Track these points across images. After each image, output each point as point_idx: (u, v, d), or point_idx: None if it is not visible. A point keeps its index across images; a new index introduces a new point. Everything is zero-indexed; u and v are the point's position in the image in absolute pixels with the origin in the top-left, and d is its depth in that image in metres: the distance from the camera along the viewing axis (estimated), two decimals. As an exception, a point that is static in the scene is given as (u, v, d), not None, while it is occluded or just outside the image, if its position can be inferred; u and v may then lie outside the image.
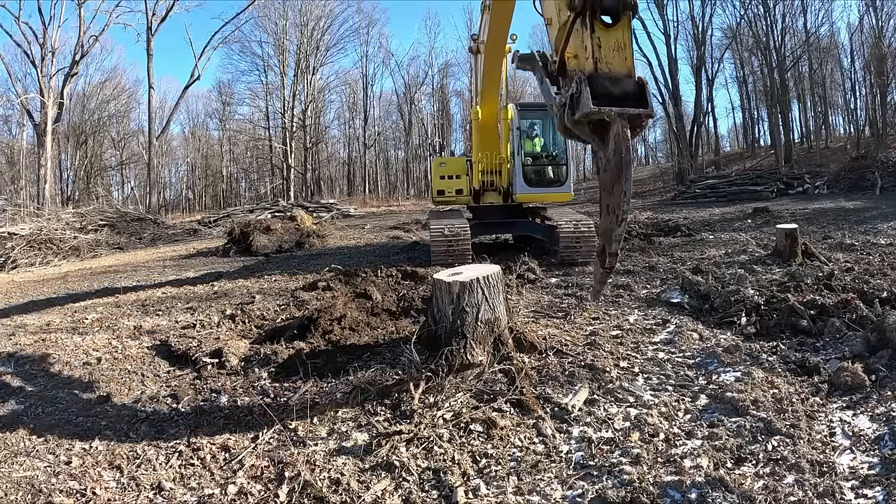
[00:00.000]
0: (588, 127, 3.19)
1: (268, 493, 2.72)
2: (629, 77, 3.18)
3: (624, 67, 3.18)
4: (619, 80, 3.14)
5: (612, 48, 3.17)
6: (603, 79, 3.10)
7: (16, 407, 3.96)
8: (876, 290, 5.27)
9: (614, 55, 3.17)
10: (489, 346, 4.07)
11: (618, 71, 3.16)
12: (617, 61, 3.17)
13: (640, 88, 3.15)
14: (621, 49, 3.19)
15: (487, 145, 10.33)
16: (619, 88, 3.13)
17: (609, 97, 3.07)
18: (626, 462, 2.80)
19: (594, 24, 3.13)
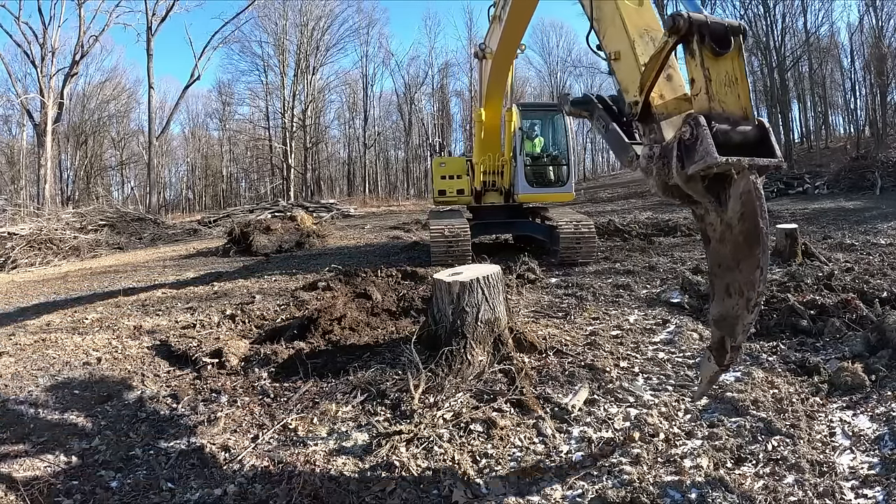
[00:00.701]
0: (702, 184, 2.54)
1: (268, 493, 2.72)
2: (746, 118, 2.57)
3: (738, 107, 2.57)
4: (736, 123, 2.53)
5: (722, 82, 2.57)
6: (719, 120, 2.49)
7: (16, 407, 3.96)
8: (876, 290, 5.27)
9: (727, 91, 2.57)
10: (489, 346, 4.08)
11: (732, 111, 2.55)
12: (731, 99, 2.56)
13: (763, 133, 2.55)
14: (733, 84, 2.59)
15: (490, 147, 10.33)
16: (738, 134, 2.52)
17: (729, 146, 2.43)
18: (626, 462, 2.80)
19: (703, 51, 2.54)
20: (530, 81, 49.72)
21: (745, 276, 2.52)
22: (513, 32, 7.39)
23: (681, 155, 2.53)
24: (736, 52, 2.60)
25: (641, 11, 3.32)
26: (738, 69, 2.62)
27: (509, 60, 8.66)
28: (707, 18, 2.55)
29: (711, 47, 2.53)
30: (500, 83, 9.15)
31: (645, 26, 3.24)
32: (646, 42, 3.15)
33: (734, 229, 2.51)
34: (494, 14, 7.84)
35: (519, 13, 6.78)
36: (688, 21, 2.53)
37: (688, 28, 2.54)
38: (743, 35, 2.62)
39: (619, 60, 3.28)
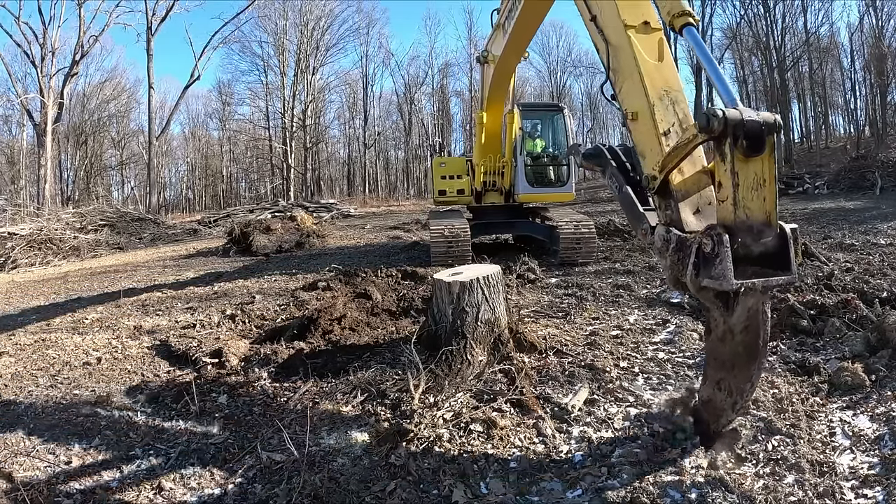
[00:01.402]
0: (713, 292, 2.53)
1: (268, 493, 2.72)
2: (769, 226, 2.48)
3: (763, 213, 2.46)
4: (758, 232, 2.45)
5: (750, 186, 2.43)
6: (741, 232, 2.42)
7: (16, 407, 3.96)
8: (876, 290, 5.27)
9: (753, 196, 2.44)
10: (489, 346, 4.08)
11: (756, 218, 2.45)
12: (755, 204, 2.45)
13: (783, 244, 2.50)
14: (761, 187, 2.45)
15: (491, 150, 10.33)
16: (759, 245, 2.46)
17: (748, 259, 2.43)
18: (626, 462, 2.80)
19: (735, 154, 2.41)
20: (530, 81, 49.67)
21: (737, 382, 2.63)
22: (517, 43, 7.38)
23: (697, 262, 2.47)
24: (769, 152, 2.46)
25: (662, 68, 3.18)
26: (768, 170, 2.48)
27: (512, 67, 8.65)
28: (743, 117, 2.40)
29: (744, 149, 2.40)
30: (502, 88, 9.14)
31: (665, 86, 3.11)
32: (665, 105, 3.05)
33: (735, 337, 2.57)
34: (498, 22, 7.80)
35: (524, 25, 6.76)
36: (723, 122, 2.38)
37: (722, 129, 2.40)
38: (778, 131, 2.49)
39: (637, 122, 3.15)
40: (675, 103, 3.06)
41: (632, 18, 3.29)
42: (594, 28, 3.55)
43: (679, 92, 3.12)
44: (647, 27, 3.28)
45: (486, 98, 9.39)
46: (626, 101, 3.26)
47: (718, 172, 2.52)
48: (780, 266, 2.47)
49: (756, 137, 2.42)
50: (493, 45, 8.33)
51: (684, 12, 3.04)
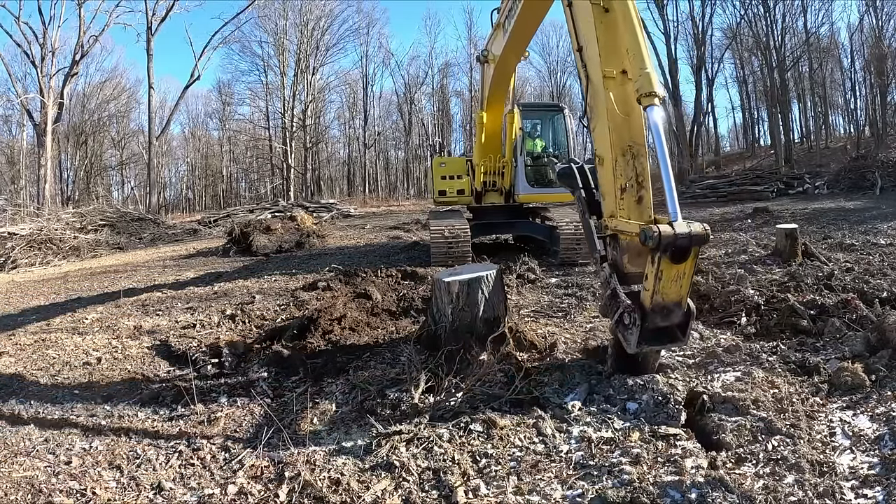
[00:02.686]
0: None
1: (268, 493, 2.72)
2: (679, 306, 3.22)
3: (678, 296, 3.19)
4: (670, 311, 3.21)
5: (672, 279, 3.12)
6: (655, 312, 3.17)
7: (16, 407, 3.96)
8: (876, 290, 5.26)
9: (671, 285, 3.14)
10: (489, 345, 4.07)
11: (671, 301, 3.18)
12: (672, 291, 3.16)
13: (686, 319, 3.29)
14: (680, 279, 3.14)
15: (491, 150, 10.32)
16: (667, 319, 3.22)
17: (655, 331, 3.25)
18: (626, 462, 2.80)
19: (662, 261, 3.06)
20: (530, 81, 49.66)
21: None
22: (517, 42, 7.38)
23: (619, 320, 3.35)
24: (693, 258, 3.13)
25: (630, 122, 3.57)
26: (689, 268, 3.15)
27: (512, 67, 8.65)
28: (676, 236, 2.99)
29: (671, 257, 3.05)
30: (502, 88, 9.14)
31: (630, 141, 3.55)
32: (627, 161, 3.53)
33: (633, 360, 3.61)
34: (498, 21, 7.80)
35: (524, 25, 6.76)
36: (657, 240, 2.99)
37: (655, 245, 3.01)
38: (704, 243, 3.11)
39: (602, 167, 3.66)
40: (636, 157, 3.56)
41: (610, 67, 3.66)
42: (579, 60, 3.94)
43: (642, 146, 3.59)
44: (624, 77, 3.65)
45: (486, 98, 9.39)
46: (596, 143, 3.76)
47: (647, 268, 3.15)
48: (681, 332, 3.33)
49: (683, 252, 3.06)
50: (493, 44, 8.32)
51: (651, 93, 3.38)
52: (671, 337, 3.32)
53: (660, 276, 3.07)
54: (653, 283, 3.10)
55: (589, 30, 3.81)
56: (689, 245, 3.04)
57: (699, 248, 3.13)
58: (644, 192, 3.51)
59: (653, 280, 3.10)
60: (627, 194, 3.53)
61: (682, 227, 3.02)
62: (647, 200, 3.53)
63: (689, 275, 3.15)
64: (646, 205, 3.52)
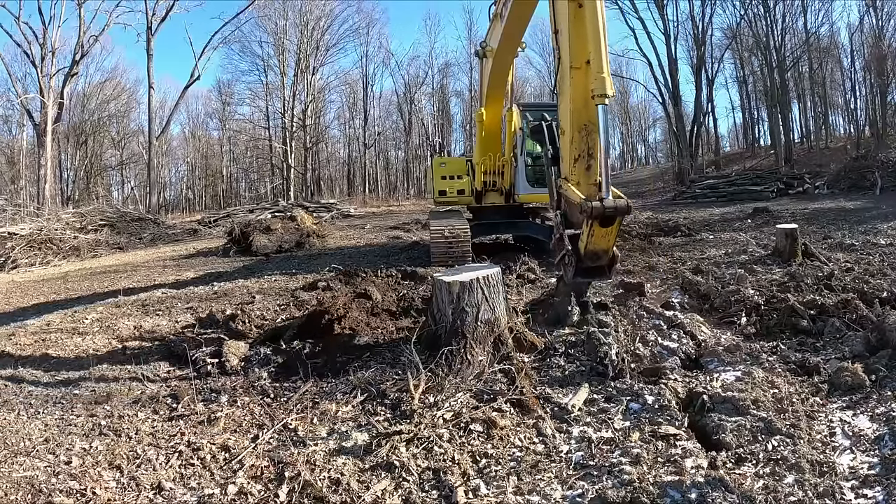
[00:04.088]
0: None
1: (268, 493, 2.72)
2: (606, 253, 4.42)
3: (605, 246, 4.36)
4: (598, 257, 4.40)
5: (601, 236, 4.26)
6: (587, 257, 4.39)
7: (16, 407, 3.96)
8: (876, 290, 5.26)
9: (601, 240, 4.30)
10: (489, 346, 4.07)
11: (600, 249, 4.36)
12: (601, 243, 4.32)
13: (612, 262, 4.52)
14: (608, 235, 4.29)
15: (491, 147, 10.32)
16: (596, 261, 4.42)
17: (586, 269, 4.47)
18: (626, 462, 2.80)
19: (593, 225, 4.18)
20: (530, 81, 49.64)
21: None
22: (514, 30, 7.41)
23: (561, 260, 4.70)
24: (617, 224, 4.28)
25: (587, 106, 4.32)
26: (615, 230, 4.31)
27: (510, 59, 8.66)
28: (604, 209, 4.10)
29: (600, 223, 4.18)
30: (501, 82, 9.15)
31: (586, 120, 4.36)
32: (581, 137, 4.40)
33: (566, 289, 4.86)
34: (496, 12, 7.85)
35: (520, 11, 6.80)
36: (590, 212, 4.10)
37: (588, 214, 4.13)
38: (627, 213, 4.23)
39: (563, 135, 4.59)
40: (590, 134, 4.40)
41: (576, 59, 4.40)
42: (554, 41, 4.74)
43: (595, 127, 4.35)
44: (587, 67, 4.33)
45: (484, 94, 9.40)
46: (560, 116, 4.67)
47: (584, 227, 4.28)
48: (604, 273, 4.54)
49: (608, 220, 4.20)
50: (492, 37, 8.36)
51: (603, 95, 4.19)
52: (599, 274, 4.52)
53: (592, 234, 4.21)
54: (587, 238, 4.26)
55: (564, 19, 4.55)
56: (614, 215, 4.15)
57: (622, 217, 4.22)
58: (593, 161, 4.41)
59: (587, 236, 4.25)
60: (579, 163, 4.46)
61: (610, 203, 4.11)
62: (594, 169, 4.42)
63: (615, 233, 4.32)
64: (593, 172, 4.43)
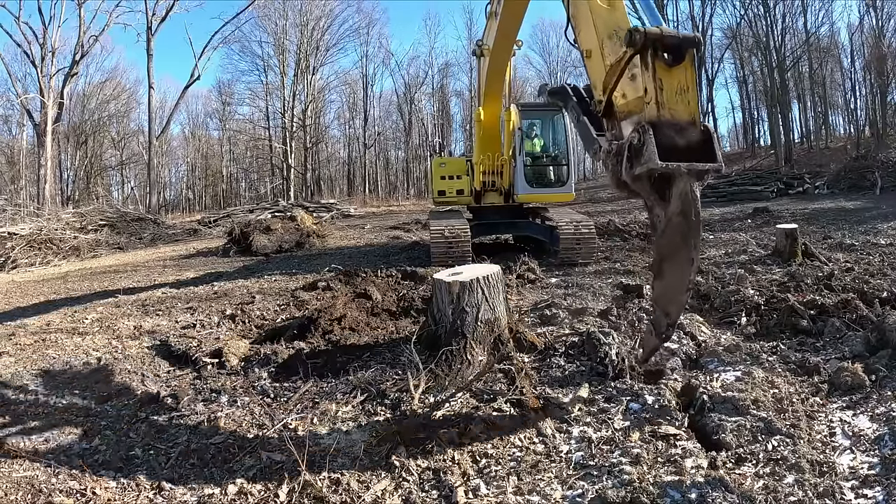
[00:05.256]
0: (648, 182, 2.84)
1: (268, 493, 2.72)
2: (693, 124, 2.85)
3: (687, 113, 2.85)
4: (683, 129, 2.83)
5: (674, 91, 2.84)
6: (666, 127, 2.79)
7: (17, 407, 3.96)
8: (876, 290, 5.26)
9: (677, 99, 2.84)
10: (489, 346, 4.07)
11: (681, 118, 2.84)
12: (680, 106, 2.84)
13: (707, 137, 2.86)
14: (684, 92, 2.86)
15: (489, 147, 10.33)
16: (683, 138, 2.82)
17: (674, 149, 2.76)
18: (626, 462, 2.80)
19: (656, 63, 2.81)
20: (530, 81, 49.55)
21: (680, 265, 2.91)
22: (508, 27, 7.44)
23: (630, 156, 2.85)
24: (689, 62, 2.87)
25: (612, 11, 3.43)
26: (690, 79, 2.88)
27: (506, 57, 8.67)
28: (662, 33, 2.81)
29: (664, 59, 2.82)
30: (498, 81, 9.16)
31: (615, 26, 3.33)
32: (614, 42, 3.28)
33: (673, 223, 2.86)
34: (491, 10, 7.90)
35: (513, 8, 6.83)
36: (643, 36, 2.78)
37: (643, 42, 2.79)
38: (697, 47, 2.88)
39: (590, 59, 3.49)
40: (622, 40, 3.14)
41: None
42: None
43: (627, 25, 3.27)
44: None
45: (482, 93, 9.42)
46: (583, 43, 3.60)
47: (644, 80, 2.87)
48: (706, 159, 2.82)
49: (675, 49, 2.83)
50: (488, 35, 8.39)
51: None
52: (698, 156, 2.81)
53: (660, 86, 2.82)
54: (654, 93, 2.81)
55: None
56: (679, 43, 2.84)
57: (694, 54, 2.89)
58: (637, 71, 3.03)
59: (654, 90, 2.81)
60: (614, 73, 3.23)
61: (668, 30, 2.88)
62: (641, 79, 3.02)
63: (694, 88, 2.90)
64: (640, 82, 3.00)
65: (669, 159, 2.70)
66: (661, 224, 2.93)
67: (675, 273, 2.93)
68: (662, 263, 2.98)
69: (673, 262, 2.93)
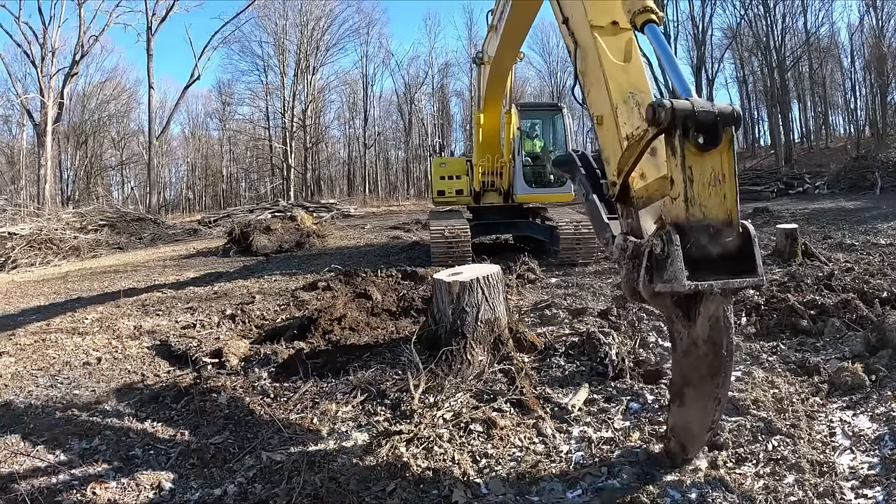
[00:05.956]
0: (671, 299, 2.34)
1: (268, 493, 2.72)
2: (730, 225, 2.27)
3: (723, 211, 2.26)
4: (717, 231, 2.26)
5: (707, 182, 2.24)
6: (696, 230, 2.23)
7: (16, 407, 3.96)
8: (876, 290, 5.26)
9: (710, 193, 2.24)
10: (489, 346, 4.07)
11: (715, 217, 2.25)
12: (714, 201, 2.25)
13: (746, 240, 2.28)
14: (720, 183, 2.25)
15: (489, 150, 10.34)
16: (716, 244, 2.26)
17: (706, 260, 2.24)
18: (626, 462, 2.80)
19: (686, 148, 2.22)
20: (530, 81, 49.50)
21: (703, 399, 2.44)
22: (510, 43, 7.39)
23: (650, 267, 2.31)
24: (726, 145, 2.26)
25: (628, 69, 3.03)
26: (727, 164, 2.28)
27: (507, 68, 8.67)
28: (694, 108, 2.20)
29: (696, 142, 2.22)
30: (498, 89, 9.16)
31: (631, 87, 2.94)
32: (630, 108, 2.86)
33: (699, 349, 2.38)
34: (492, 23, 7.84)
35: (515, 26, 6.77)
36: (670, 113, 2.19)
37: (670, 121, 2.20)
38: (736, 123, 2.27)
39: (602, 126, 3.02)
40: (641, 105, 2.82)
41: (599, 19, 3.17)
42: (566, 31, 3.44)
43: (646, 94, 2.92)
44: (615, 27, 3.14)
45: (482, 99, 9.41)
46: (593, 106, 3.14)
47: (670, 167, 2.29)
48: (745, 269, 2.28)
49: (709, 129, 2.23)
50: (488, 46, 8.36)
51: (646, 8, 2.81)
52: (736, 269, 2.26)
53: (690, 176, 2.22)
54: (682, 186, 2.21)
55: None
56: (714, 122, 2.21)
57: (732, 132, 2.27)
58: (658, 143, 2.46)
59: (682, 181, 2.21)
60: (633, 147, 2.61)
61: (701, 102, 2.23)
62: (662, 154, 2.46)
63: (731, 177, 2.27)
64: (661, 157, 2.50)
65: (699, 272, 2.19)
66: (684, 345, 2.43)
67: (698, 406, 2.48)
68: (684, 388, 2.50)
69: (696, 391, 2.46)
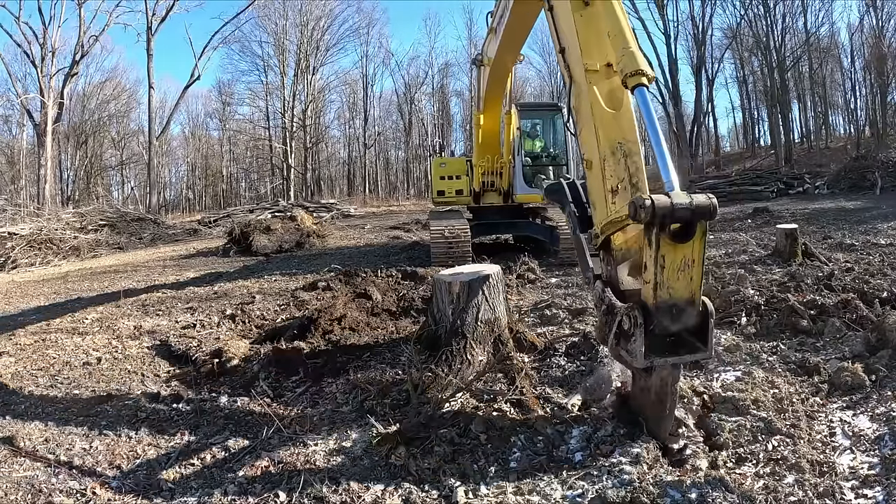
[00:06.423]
0: None
1: (268, 493, 2.72)
2: (692, 304, 2.60)
3: (688, 291, 2.58)
4: (680, 311, 2.59)
5: (677, 268, 2.53)
6: (661, 312, 2.57)
7: (17, 407, 3.96)
8: (876, 290, 5.26)
9: (679, 276, 2.54)
10: (489, 346, 4.07)
11: (680, 297, 2.58)
12: (681, 284, 2.56)
13: (703, 321, 2.63)
14: (688, 268, 2.55)
15: (489, 150, 10.34)
16: (678, 322, 2.61)
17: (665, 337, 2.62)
18: (626, 462, 2.79)
19: (662, 241, 2.47)
20: (530, 81, 49.49)
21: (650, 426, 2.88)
22: (509, 45, 7.38)
23: (618, 334, 2.70)
24: (699, 237, 2.53)
25: (619, 118, 3.16)
26: (697, 252, 2.56)
27: (507, 70, 8.66)
28: (673, 205, 2.41)
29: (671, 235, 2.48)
30: (498, 90, 9.14)
31: (620, 138, 3.10)
32: (617, 160, 3.05)
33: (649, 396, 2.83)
34: (491, 26, 7.82)
35: (515, 28, 6.74)
36: (650, 211, 2.40)
37: (650, 219, 2.43)
38: (711, 216, 2.50)
39: (590, 171, 3.22)
40: (628, 156, 3.05)
41: (593, 61, 3.28)
42: (562, 61, 3.58)
43: (634, 143, 3.10)
44: (609, 70, 3.26)
45: (482, 100, 9.41)
46: (584, 147, 3.34)
47: (645, 255, 2.57)
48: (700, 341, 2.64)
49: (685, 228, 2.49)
50: (488, 47, 8.35)
51: (637, 72, 2.99)
52: (689, 347, 2.64)
53: (662, 264, 2.50)
54: (654, 273, 2.51)
55: (570, 27, 3.45)
56: (691, 218, 2.45)
57: (706, 224, 2.53)
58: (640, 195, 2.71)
59: (653, 268, 2.51)
60: (620, 198, 2.97)
61: (680, 197, 2.45)
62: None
63: (699, 262, 2.56)
64: None
65: (656, 347, 2.59)
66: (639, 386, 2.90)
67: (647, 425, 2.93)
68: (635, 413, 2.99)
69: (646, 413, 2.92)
